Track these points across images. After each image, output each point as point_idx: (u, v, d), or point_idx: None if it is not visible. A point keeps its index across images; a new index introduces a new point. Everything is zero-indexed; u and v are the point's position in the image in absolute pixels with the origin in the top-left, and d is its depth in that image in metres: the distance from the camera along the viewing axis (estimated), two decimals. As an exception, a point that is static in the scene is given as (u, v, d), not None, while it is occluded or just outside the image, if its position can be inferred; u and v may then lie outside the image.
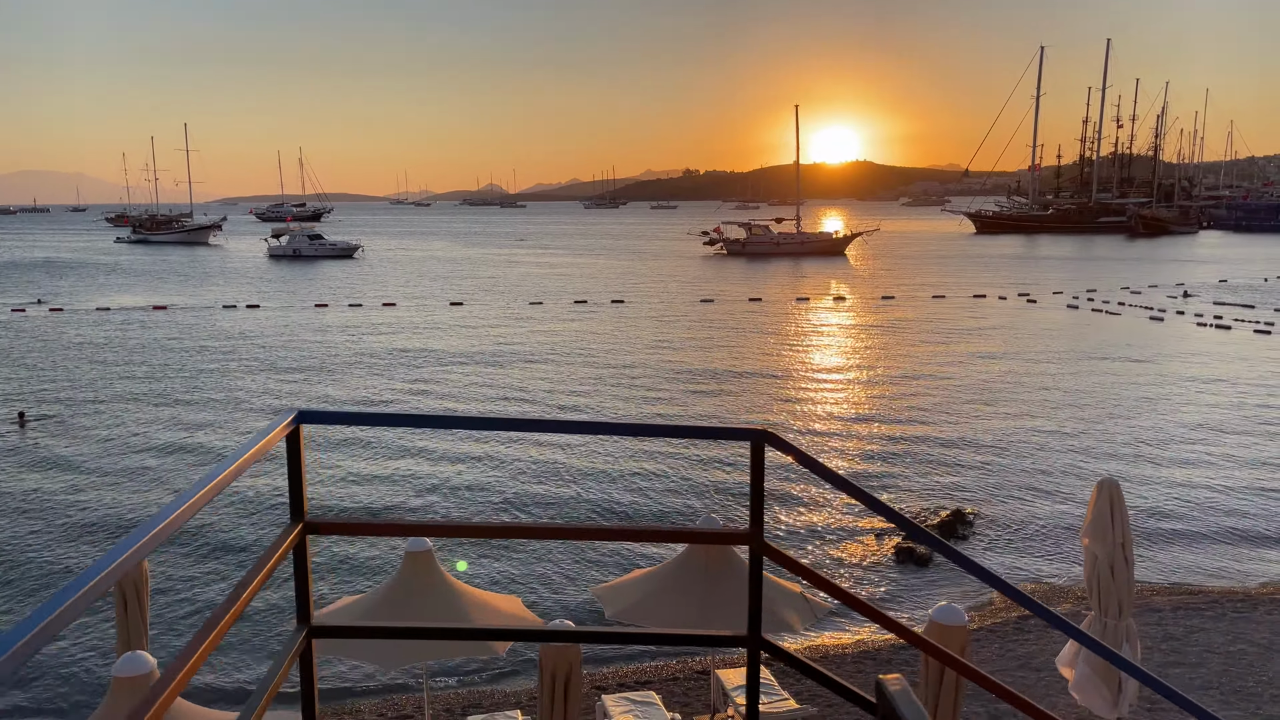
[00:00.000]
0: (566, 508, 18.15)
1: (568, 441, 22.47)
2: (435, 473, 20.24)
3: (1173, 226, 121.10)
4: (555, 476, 19.97)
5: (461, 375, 30.72)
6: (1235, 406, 25.65)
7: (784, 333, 40.13)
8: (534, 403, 26.66)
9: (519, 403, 26.68)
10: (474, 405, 26.33)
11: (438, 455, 21.51)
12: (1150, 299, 50.09)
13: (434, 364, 32.74)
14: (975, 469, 20.40)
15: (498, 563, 15.48)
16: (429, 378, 30.32)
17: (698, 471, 20.27)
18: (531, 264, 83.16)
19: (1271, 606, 13.10)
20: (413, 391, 28.22)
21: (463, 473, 20.24)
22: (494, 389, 28.57)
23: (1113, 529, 9.07)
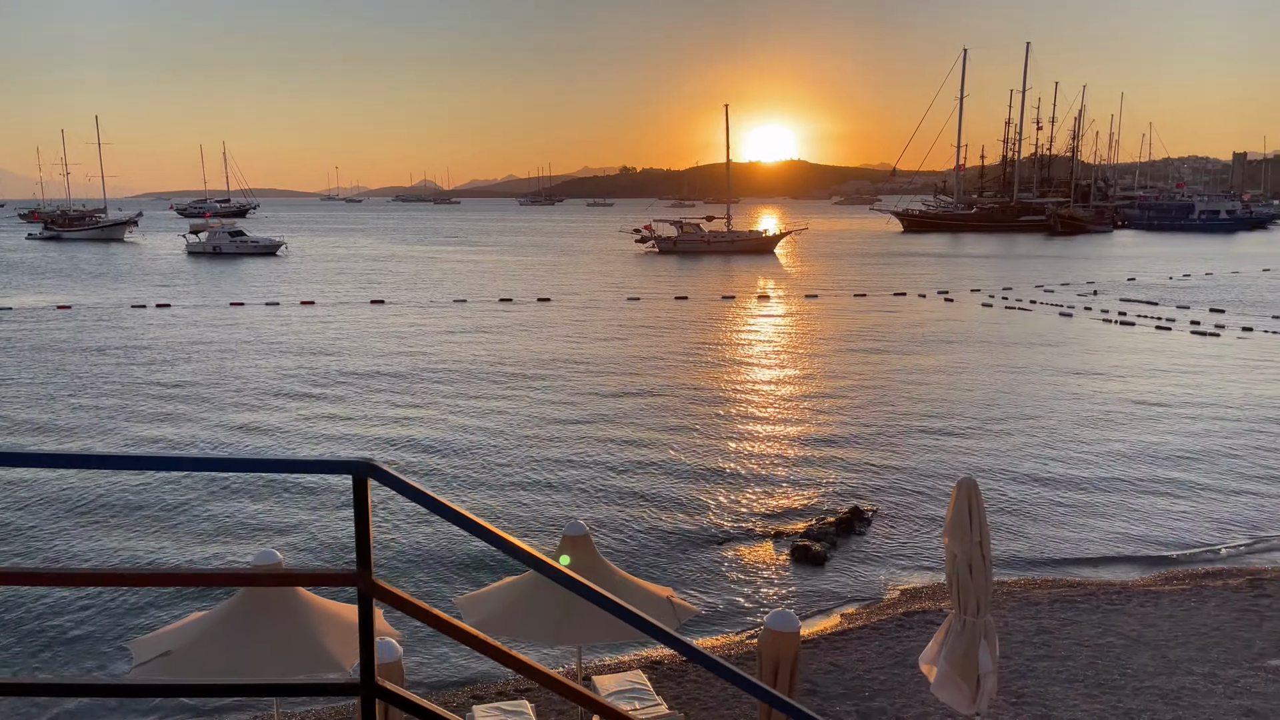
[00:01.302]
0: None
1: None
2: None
3: (1089, 225, 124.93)
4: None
5: (364, 376, 30.13)
6: (1128, 400, 26.44)
7: (705, 331, 40.25)
8: (427, 407, 26.27)
9: (413, 407, 26.25)
10: (365, 408, 25.82)
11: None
12: (1062, 297, 51.52)
13: (340, 363, 32.06)
14: (875, 466, 20.64)
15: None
16: (330, 379, 29.68)
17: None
18: (460, 261, 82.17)
19: (1144, 599, 13.45)
20: (309, 395, 27.57)
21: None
22: (391, 391, 28.08)
23: (971, 528, 9.16)
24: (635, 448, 22.01)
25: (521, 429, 23.56)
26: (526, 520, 17.28)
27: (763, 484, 19.45)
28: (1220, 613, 12.73)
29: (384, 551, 15.75)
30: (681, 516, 17.59)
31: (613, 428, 23.76)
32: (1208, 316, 43.08)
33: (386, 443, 22.33)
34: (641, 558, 15.63)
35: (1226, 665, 11.04)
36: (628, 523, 17.23)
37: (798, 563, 15.70)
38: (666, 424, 24.15)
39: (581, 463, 20.83)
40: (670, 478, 19.83)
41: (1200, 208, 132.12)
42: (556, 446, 22.05)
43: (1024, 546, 16.11)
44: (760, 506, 18.10)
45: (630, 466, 20.58)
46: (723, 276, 67.70)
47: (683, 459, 21.15)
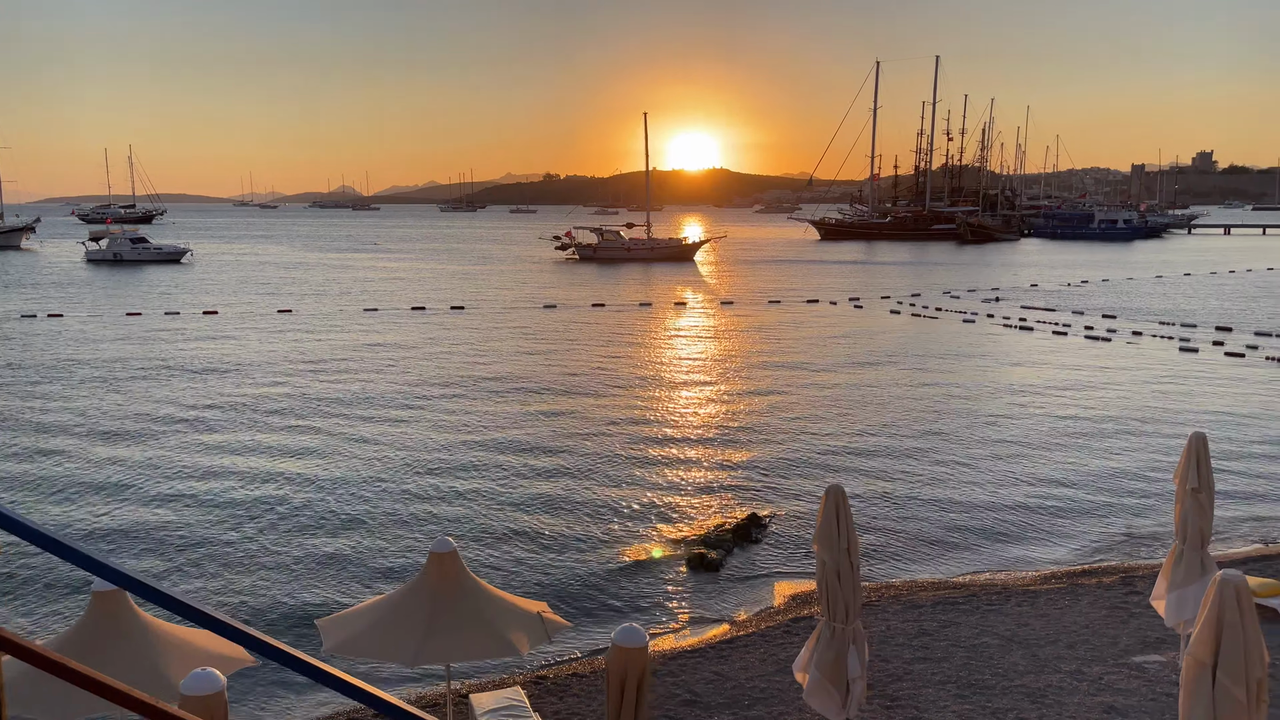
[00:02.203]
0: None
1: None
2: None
3: (998, 234, 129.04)
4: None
5: (258, 389, 29.28)
6: (1019, 403, 27.27)
7: (617, 340, 40.23)
8: (315, 423, 25.64)
9: (299, 430, 25.59)
10: (246, 433, 25.07)
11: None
12: (966, 303, 53.01)
13: (237, 377, 31.10)
14: (775, 473, 20.82)
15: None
16: (223, 392, 28.75)
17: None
18: (375, 269, 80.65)
19: (1022, 598, 13.81)
20: (200, 405, 26.66)
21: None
22: (285, 405, 27.34)
23: (839, 535, 9.25)
24: (534, 459, 21.80)
25: (415, 443, 23.12)
26: (404, 536, 16.92)
27: (663, 493, 19.44)
28: (1092, 611, 13.13)
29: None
30: (577, 528, 17.44)
31: (511, 439, 23.50)
32: (1100, 322, 44.80)
33: (261, 475, 21.68)
34: (532, 572, 15.44)
35: (1093, 662, 11.38)
36: (520, 536, 17.02)
37: (693, 571, 15.70)
38: (569, 435, 23.99)
39: (476, 475, 20.52)
40: (568, 489, 19.67)
41: (1100, 217, 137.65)
42: (449, 459, 21.69)
43: (911, 548, 16.41)
44: (659, 516, 18.08)
45: (528, 478, 20.36)
46: (641, 284, 67.87)
47: (583, 469, 21.01)
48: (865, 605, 13.69)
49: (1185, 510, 10.84)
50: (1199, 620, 6.26)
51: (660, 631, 13.56)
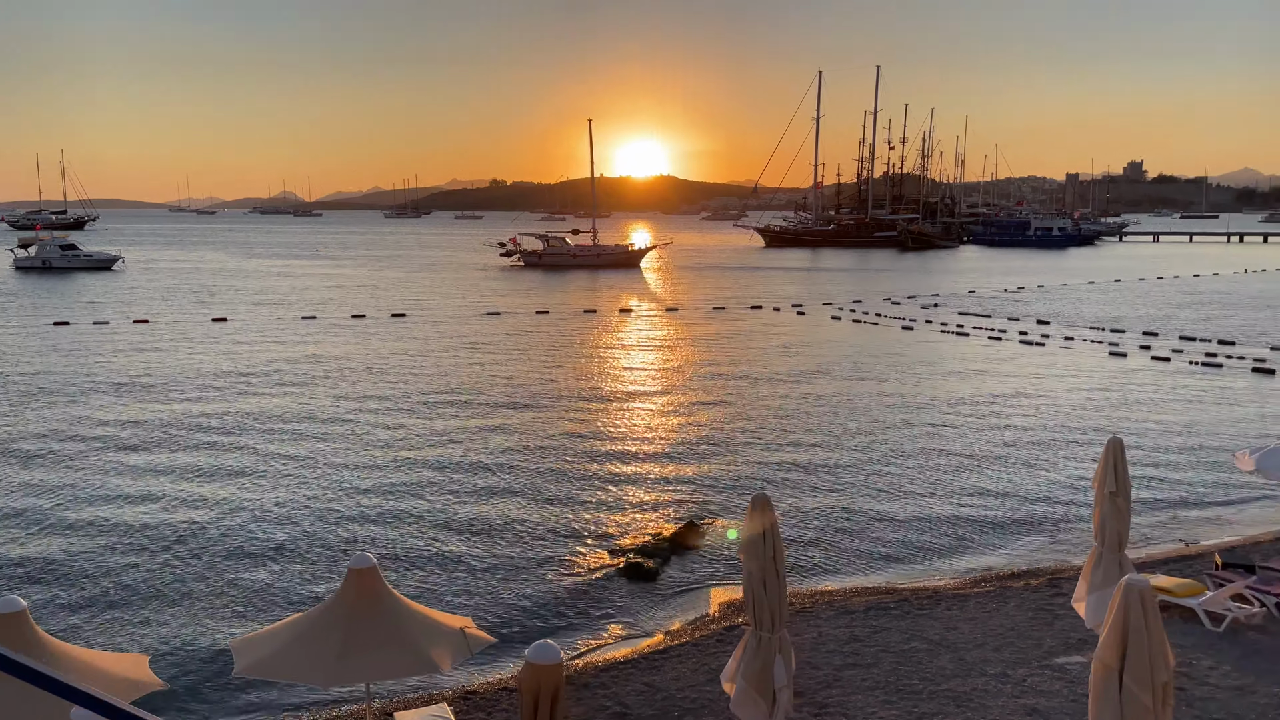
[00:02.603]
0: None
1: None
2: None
3: (938, 241, 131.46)
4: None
5: (185, 404, 28.56)
6: (952, 409, 27.72)
7: (560, 347, 40.04)
8: (239, 440, 25.09)
9: (227, 435, 25.03)
10: (164, 454, 24.43)
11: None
12: (906, 309, 53.84)
13: (164, 391, 30.29)
14: (713, 480, 20.85)
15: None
16: (148, 408, 27.99)
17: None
18: (315, 276, 79.29)
19: (952, 602, 13.97)
20: (124, 421, 25.90)
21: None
22: (213, 422, 26.70)
23: (765, 543, 9.24)
24: (469, 472, 21.55)
25: (346, 460, 22.71)
26: (331, 559, 16.58)
27: (600, 504, 19.33)
28: (1018, 613, 13.34)
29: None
30: (512, 541, 17.25)
31: (447, 452, 23.21)
32: (1035, 327, 45.81)
33: (184, 499, 21.12)
34: (462, 587, 15.21)
35: (1017, 665, 11.54)
36: (451, 551, 16.78)
37: (629, 580, 15.61)
38: (506, 446, 23.77)
39: (408, 492, 20.21)
40: (503, 502, 19.47)
41: (1036, 225, 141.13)
42: (381, 477, 21.34)
43: (846, 554, 16.53)
44: (596, 527, 17.96)
45: (462, 492, 20.11)
46: (586, 291, 67.73)
47: (518, 481, 20.82)
48: (799, 612, 13.75)
49: (1104, 514, 11.07)
50: (1105, 625, 6.36)
51: (594, 643, 13.46)
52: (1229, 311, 52.49)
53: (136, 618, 13.86)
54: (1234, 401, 28.92)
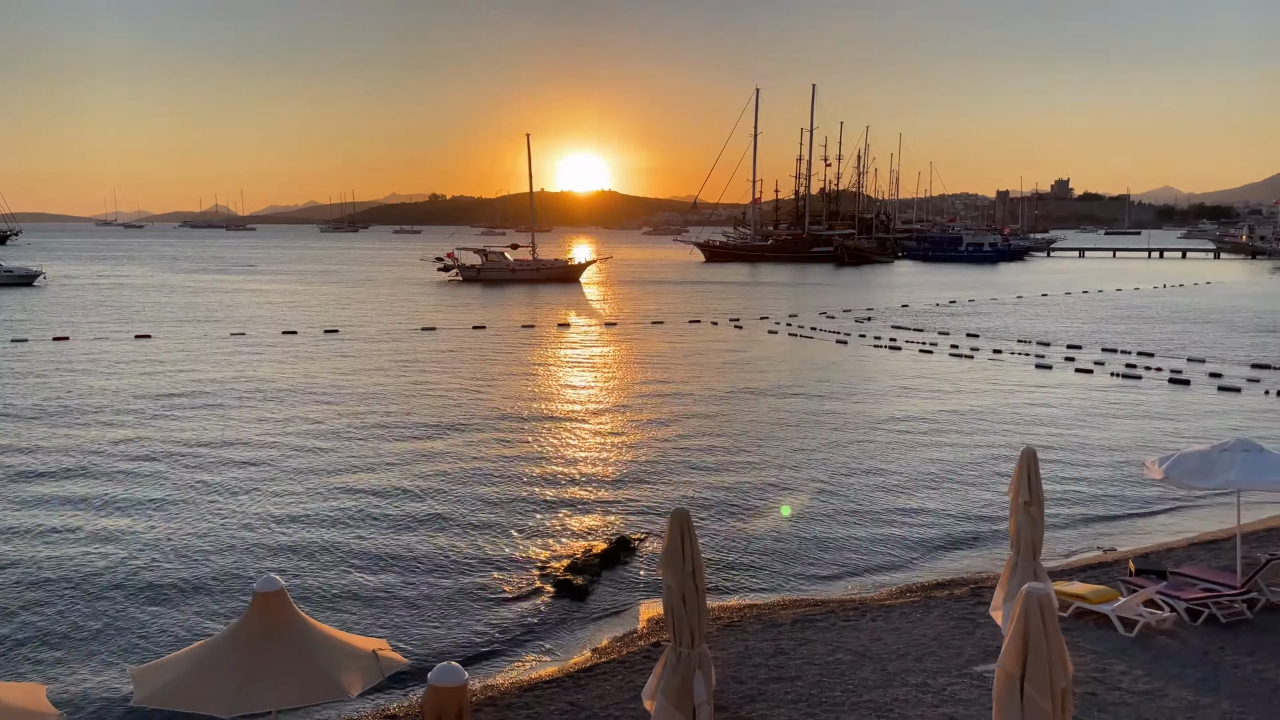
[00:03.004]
0: None
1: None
2: None
3: (873, 256, 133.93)
4: None
5: (98, 429, 27.66)
6: (883, 421, 28.14)
7: (495, 362, 39.74)
8: (154, 459, 24.40)
9: (140, 461, 24.31)
10: (94, 459, 23.64)
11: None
12: (841, 323, 54.63)
13: (77, 415, 29.29)
14: (646, 495, 20.82)
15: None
16: (59, 432, 27.03)
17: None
18: (245, 291, 77.60)
19: (878, 613, 14.10)
20: (30, 448, 24.98)
21: None
22: (126, 449, 25.90)
23: (684, 558, 9.20)
24: (397, 491, 21.20)
25: (268, 481, 22.18)
26: (243, 580, 16.14)
27: (531, 521, 19.15)
28: (941, 623, 13.51)
29: None
30: (439, 562, 16.97)
31: (374, 472, 22.82)
32: (965, 341, 46.83)
33: (89, 534, 20.41)
34: (387, 610, 14.90)
35: (938, 674, 11.68)
36: (377, 574, 16.45)
37: (558, 597, 15.46)
38: (436, 464, 23.46)
39: (331, 515, 19.79)
40: (431, 520, 19.17)
41: (967, 240, 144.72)
42: (303, 503, 20.88)
43: (776, 567, 16.60)
44: (526, 545, 17.78)
45: (387, 512, 19.76)
46: (525, 305, 67.42)
47: (447, 499, 20.54)
48: (727, 626, 13.74)
49: (1019, 523, 11.28)
50: (1007, 633, 6.45)
51: (519, 662, 13.28)
52: (1148, 325, 54.32)
53: (37, 654, 13.28)
54: (1151, 412, 29.87)
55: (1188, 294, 77.51)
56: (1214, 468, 12.72)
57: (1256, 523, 18.58)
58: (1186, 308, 64.87)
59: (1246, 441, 13.08)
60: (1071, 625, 13.09)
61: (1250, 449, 12.90)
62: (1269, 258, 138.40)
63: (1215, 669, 11.66)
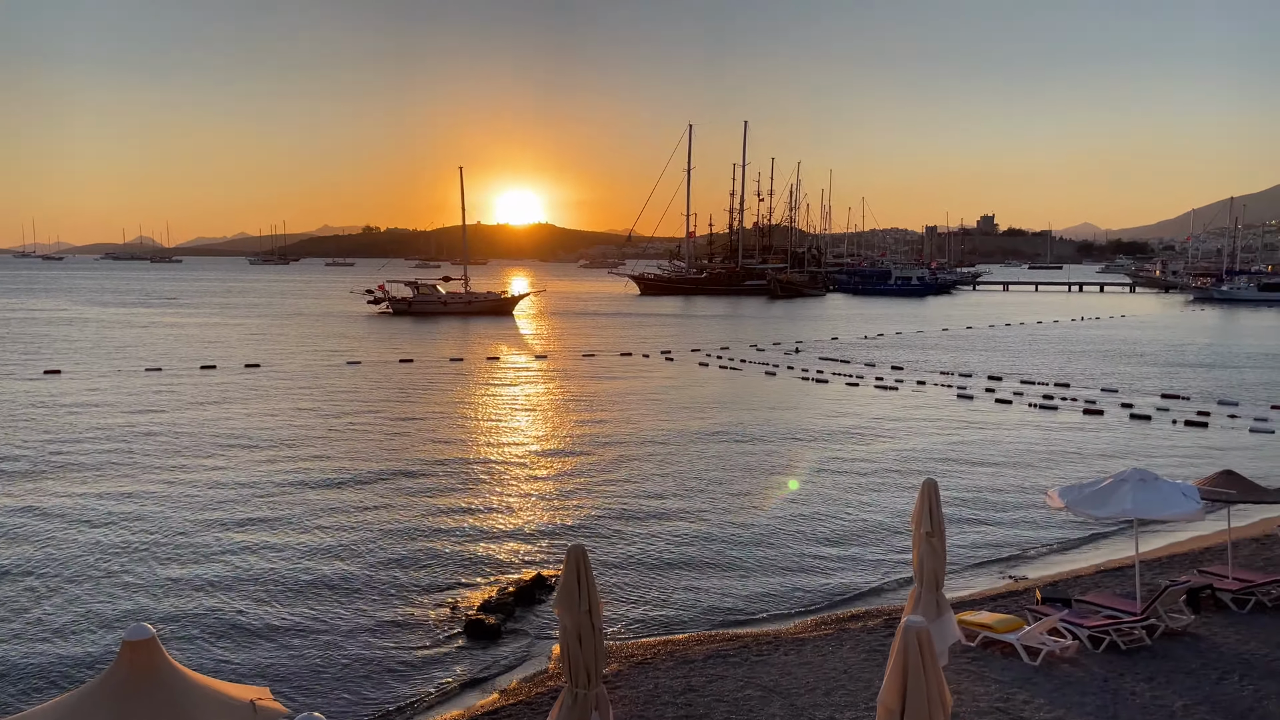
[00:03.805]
0: None
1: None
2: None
3: (805, 290, 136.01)
4: None
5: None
6: (806, 453, 28.35)
7: (418, 397, 39.11)
8: (49, 497, 23.41)
9: (33, 499, 23.28)
10: None
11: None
12: (770, 356, 55.16)
13: (-11, 444, 27.94)
14: (564, 531, 20.55)
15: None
16: (-25, 461, 25.72)
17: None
18: (165, 324, 75.36)
19: (791, 647, 14.03)
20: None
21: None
22: (17, 486, 24.81)
23: (580, 597, 9.03)
24: (300, 529, 20.59)
25: (159, 526, 21.39)
26: (119, 623, 15.46)
27: (443, 559, 18.71)
28: (852, 655, 13.49)
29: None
30: (345, 602, 16.46)
31: (276, 511, 22.15)
32: (890, 373, 47.62)
33: None
34: (287, 656, 14.35)
35: (845, 708, 11.62)
36: (277, 618, 15.87)
37: (470, 638, 15.07)
38: (340, 503, 22.87)
39: (231, 556, 19.12)
40: (338, 561, 18.62)
41: (896, 274, 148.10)
42: (202, 540, 20.16)
43: (690, 603, 16.46)
44: (437, 583, 17.35)
45: (291, 554, 19.14)
46: (456, 339, 66.71)
47: (357, 538, 19.99)
48: (639, 664, 13.53)
49: (921, 554, 11.36)
50: (887, 668, 6.41)
51: (426, 704, 12.87)
52: (1066, 356, 55.97)
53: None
54: (1065, 440, 30.63)
55: (1104, 327, 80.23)
56: (1110, 498, 13.00)
57: (1159, 549, 19.11)
58: (1102, 340, 67.10)
59: (1142, 471, 13.42)
60: (979, 655, 13.20)
61: (1145, 478, 13.23)
62: (1180, 291, 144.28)
63: (1115, 696, 11.82)
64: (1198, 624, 14.16)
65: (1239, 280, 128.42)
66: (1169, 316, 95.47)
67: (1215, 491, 14.54)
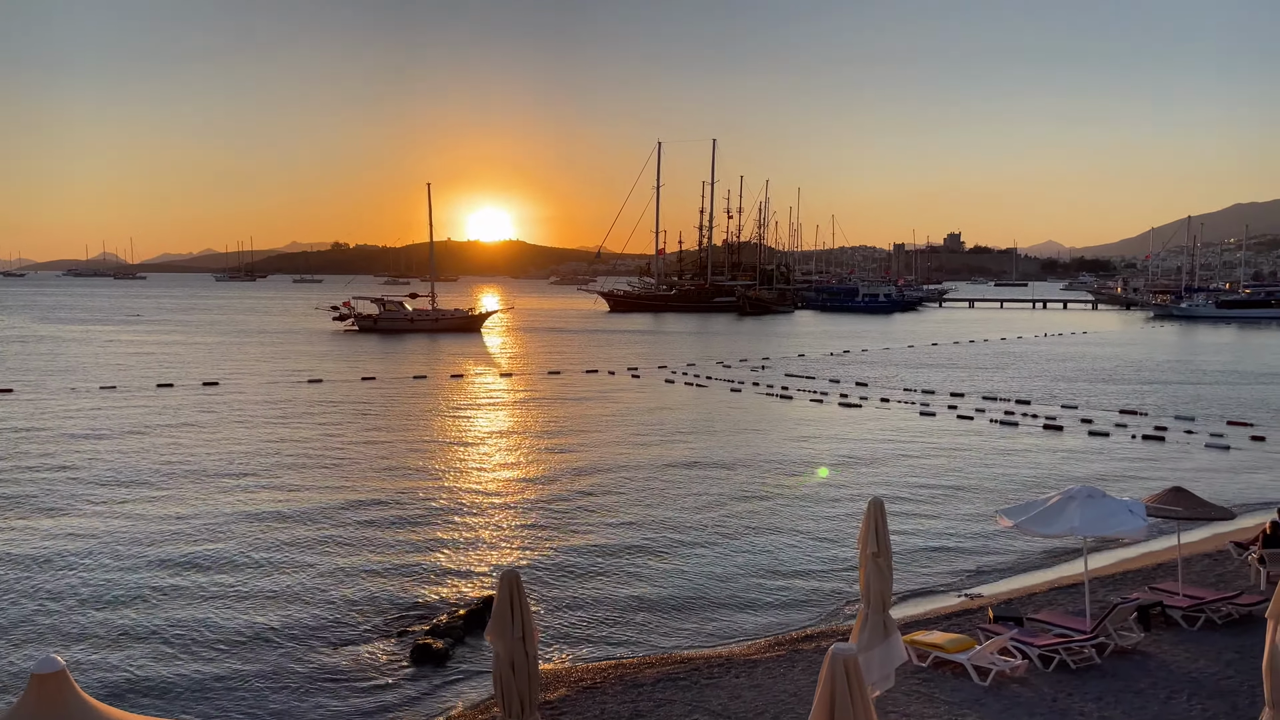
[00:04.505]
0: None
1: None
2: None
3: (774, 306, 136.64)
4: None
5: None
6: (762, 472, 28.26)
7: (377, 415, 38.63)
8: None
9: None
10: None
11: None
12: (736, 372, 55.18)
13: (-70, 466, 27.14)
14: (518, 551, 20.26)
15: None
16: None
17: None
18: (128, 342, 74.09)
19: (742, 669, 13.84)
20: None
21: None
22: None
23: (513, 623, 8.79)
24: (246, 555, 20.13)
25: (97, 541, 20.86)
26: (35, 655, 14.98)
27: (391, 583, 18.33)
28: (803, 677, 13.32)
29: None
30: (288, 628, 16.05)
31: (216, 534, 21.67)
32: (854, 389, 47.78)
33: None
34: (222, 685, 13.94)
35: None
36: (215, 644, 15.45)
37: (416, 664, 14.73)
38: (292, 522, 22.43)
39: (172, 577, 18.66)
40: (279, 582, 18.20)
41: (863, 291, 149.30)
42: (144, 565, 19.66)
43: (645, 623, 16.23)
44: (385, 608, 16.97)
45: (225, 573, 18.71)
46: (421, 356, 66.15)
47: (302, 561, 19.58)
48: (587, 689, 13.27)
49: (868, 575, 11.23)
50: (815, 696, 6.26)
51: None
52: (1027, 373, 56.51)
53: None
54: (1025, 457, 30.79)
55: (1065, 343, 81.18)
56: (1058, 516, 12.98)
57: (1112, 565, 19.17)
58: (1063, 356, 67.86)
59: (1089, 488, 13.42)
60: (930, 675, 13.09)
61: (1093, 495, 13.23)
62: (1141, 308, 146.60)
63: (1063, 716, 11.75)
64: (1148, 642, 14.16)
65: (1198, 297, 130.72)
66: (1129, 333, 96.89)
67: (1162, 508, 14.59)
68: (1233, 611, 14.91)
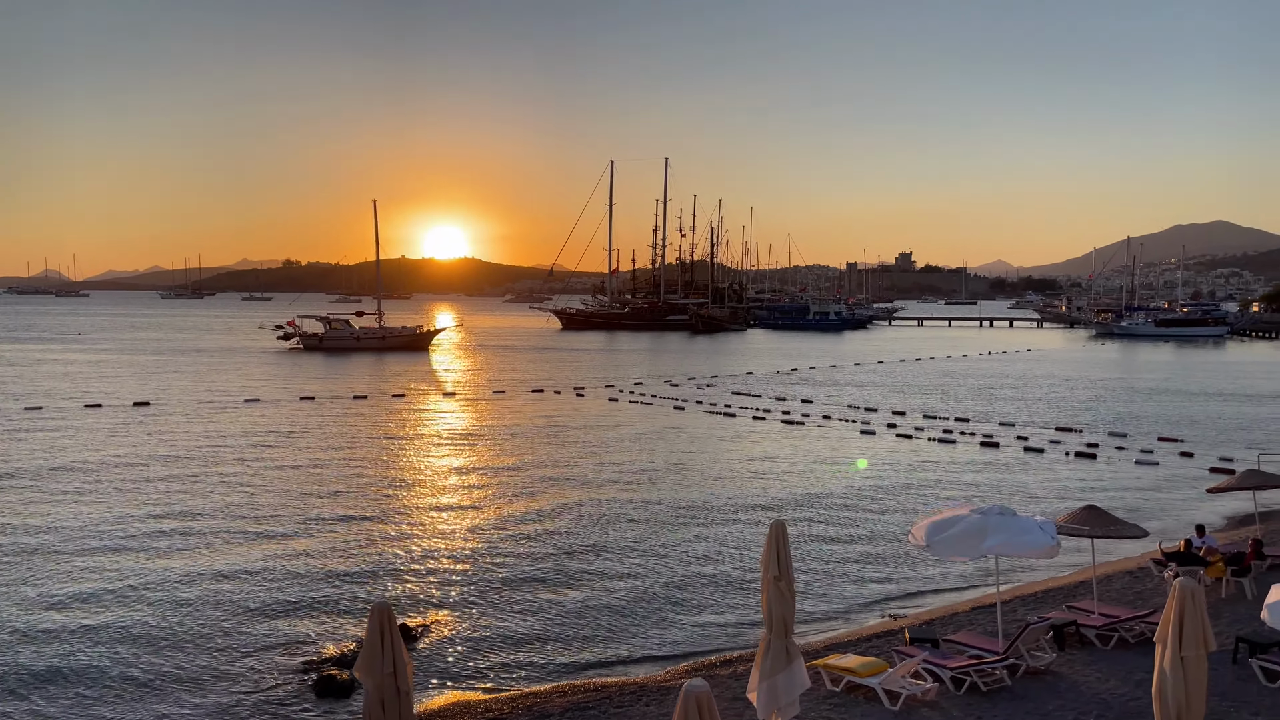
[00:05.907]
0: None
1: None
2: None
3: (726, 325, 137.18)
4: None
5: None
6: (700, 489, 28.04)
7: (310, 437, 37.76)
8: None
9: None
10: None
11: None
12: (682, 390, 55.03)
13: None
14: (431, 578, 19.74)
15: None
16: None
17: None
18: (59, 362, 71.92)
19: (655, 696, 13.51)
20: None
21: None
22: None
23: (383, 657, 8.39)
24: (150, 578, 19.37)
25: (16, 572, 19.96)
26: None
27: (298, 609, 17.71)
28: (719, 702, 12.99)
29: None
30: (177, 658, 15.38)
31: (116, 561, 20.87)
32: (798, 407, 47.85)
33: None
34: (102, 712, 13.27)
35: (695, 763, 11.10)
36: (102, 667, 14.75)
37: (319, 697, 14.16)
38: (200, 544, 21.68)
39: (66, 609, 17.86)
40: (175, 612, 17.49)
41: (814, 309, 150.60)
42: (41, 591, 18.84)
43: (557, 650, 15.84)
44: (286, 636, 16.36)
45: (128, 595, 17.96)
46: (365, 374, 65.09)
47: (199, 584, 18.87)
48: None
49: (770, 599, 10.95)
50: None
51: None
52: (969, 391, 57.15)
53: None
54: (961, 474, 30.95)
55: (1010, 361, 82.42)
56: (969, 536, 12.85)
57: (1034, 583, 19.18)
58: (1006, 374, 68.82)
59: (1001, 507, 13.34)
60: (841, 700, 12.86)
61: (1005, 513, 13.14)
62: (1084, 327, 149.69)
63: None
64: (1061, 662, 14.09)
65: (1137, 316, 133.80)
66: (1070, 351, 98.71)
67: (1073, 527, 14.57)
68: (1146, 630, 14.91)
